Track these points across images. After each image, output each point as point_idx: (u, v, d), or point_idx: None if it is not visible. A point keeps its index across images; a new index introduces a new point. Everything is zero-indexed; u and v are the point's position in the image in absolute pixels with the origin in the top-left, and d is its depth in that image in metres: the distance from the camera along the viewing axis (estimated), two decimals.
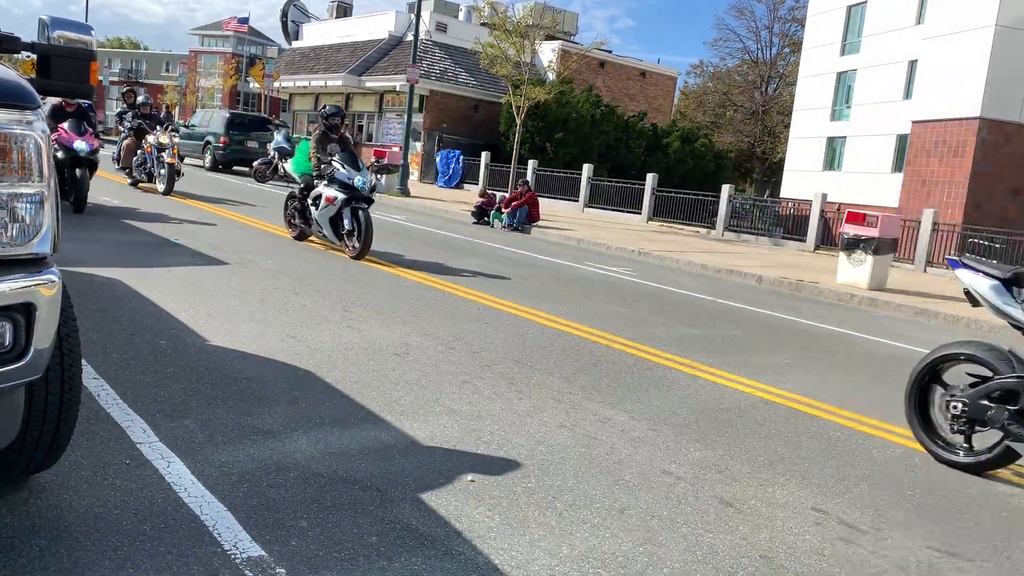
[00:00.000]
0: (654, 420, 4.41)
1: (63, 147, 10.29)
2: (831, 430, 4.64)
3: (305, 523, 2.76)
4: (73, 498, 2.75)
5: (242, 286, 6.76)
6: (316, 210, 9.30)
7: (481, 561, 2.64)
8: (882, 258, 11.80)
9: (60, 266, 2.41)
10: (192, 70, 60.00)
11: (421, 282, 8.14)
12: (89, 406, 3.53)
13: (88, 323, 4.82)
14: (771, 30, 53.71)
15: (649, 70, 39.11)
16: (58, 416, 2.59)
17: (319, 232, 9.50)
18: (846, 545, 3.11)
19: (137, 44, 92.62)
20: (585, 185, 23.77)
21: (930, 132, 24.49)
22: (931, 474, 4.08)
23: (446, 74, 33.38)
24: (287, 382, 4.30)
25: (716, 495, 3.45)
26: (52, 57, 2.79)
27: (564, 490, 3.30)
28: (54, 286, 2.30)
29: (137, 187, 14.84)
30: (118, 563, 2.38)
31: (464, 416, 4.08)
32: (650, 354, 6.04)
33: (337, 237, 9.21)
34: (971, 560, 3.13)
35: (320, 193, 9.22)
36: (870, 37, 31.05)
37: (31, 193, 2.26)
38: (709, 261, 13.33)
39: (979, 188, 23.11)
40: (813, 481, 3.77)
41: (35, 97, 2.32)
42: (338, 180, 8.99)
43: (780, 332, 7.84)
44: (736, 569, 2.81)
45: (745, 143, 52.42)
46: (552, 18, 28.25)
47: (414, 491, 3.11)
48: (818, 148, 33.38)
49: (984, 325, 9.50)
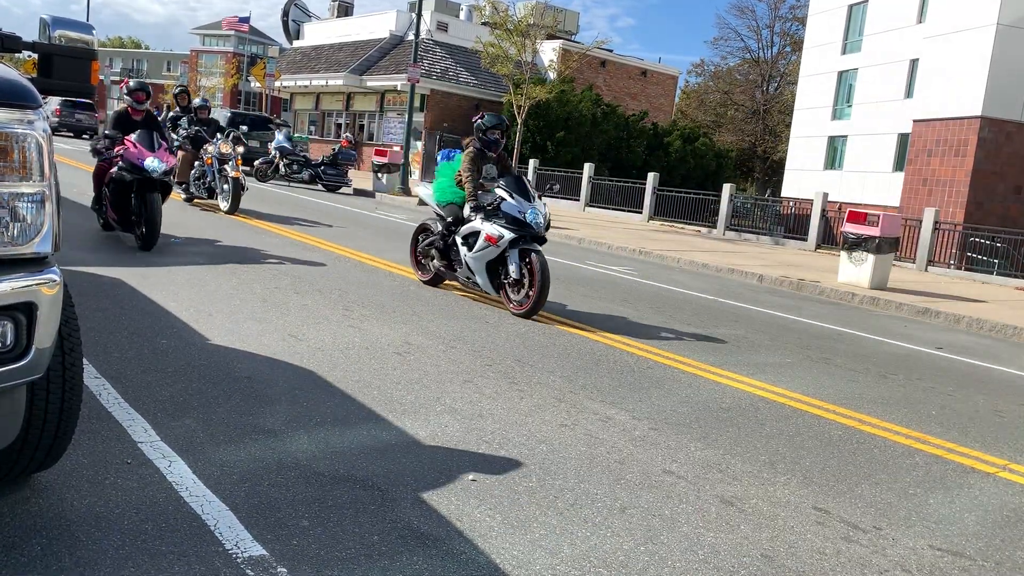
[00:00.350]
0: (655, 419, 4.41)
1: (130, 165, 8.16)
2: (832, 429, 4.64)
3: (306, 522, 2.76)
4: (74, 497, 2.75)
5: (242, 285, 6.76)
6: (469, 251, 7.21)
7: (482, 560, 2.64)
8: (883, 257, 11.80)
9: (61, 266, 2.41)
10: (193, 69, 60.00)
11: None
12: (90, 405, 3.53)
13: (90, 322, 4.82)
14: (772, 29, 53.76)
15: (650, 69, 39.11)
16: (59, 415, 2.60)
17: (467, 279, 7.42)
18: (848, 544, 3.11)
19: (138, 43, 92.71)
20: (586, 184, 23.76)
21: (931, 131, 24.47)
22: (932, 473, 4.08)
23: (447, 73, 33.39)
24: (288, 381, 4.30)
25: (717, 494, 3.45)
26: (53, 56, 2.80)
27: (565, 489, 3.30)
28: (55, 285, 2.30)
29: (193, 203, 12.90)
30: (119, 562, 2.39)
31: (465, 415, 4.08)
32: (651, 353, 6.04)
33: (494, 287, 7.21)
34: (973, 559, 3.13)
35: (476, 230, 7.14)
36: (871, 36, 31.02)
37: (32, 193, 2.26)
38: (710, 260, 13.33)
39: (980, 187, 23.09)
40: (814, 480, 3.77)
41: (36, 96, 2.32)
42: (504, 213, 7.01)
43: (781, 331, 7.84)
44: (737, 568, 2.81)
45: (746, 142, 52.41)
46: (553, 17, 28.30)
47: (415, 490, 3.11)
48: (819, 147, 33.36)
49: (986, 323, 9.50)
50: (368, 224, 13.61)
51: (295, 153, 21.03)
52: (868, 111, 30.75)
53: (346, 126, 36.48)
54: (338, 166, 20.88)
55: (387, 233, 12.52)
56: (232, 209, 12.01)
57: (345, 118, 37.30)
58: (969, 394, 6.03)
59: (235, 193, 11.96)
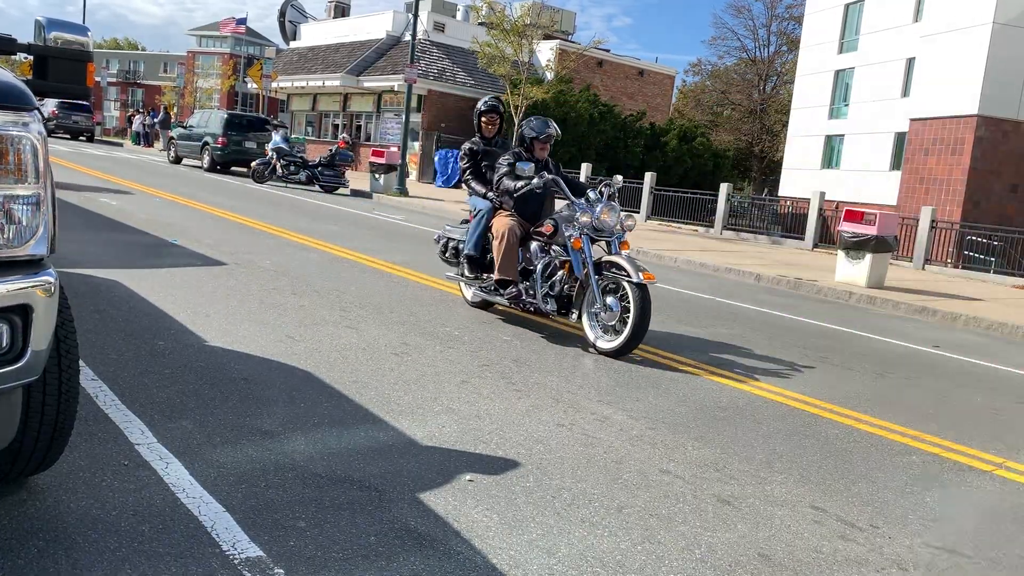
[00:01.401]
0: (652, 419, 4.41)
1: None
2: (829, 428, 4.65)
3: (303, 523, 2.76)
4: (71, 499, 2.75)
5: (240, 286, 6.75)
6: None
7: (479, 560, 2.64)
8: (880, 256, 11.81)
9: (57, 267, 2.41)
10: (190, 71, 59.88)
11: (419, 282, 8.14)
12: (87, 407, 3.53)
13: (86, 324, 4.82)
14: (769, 28, 53.79)
15: (647, 69, 39.13)
16: (56, 418, 2.59)
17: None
18: (844, 542, 3.12)
19: (135, 45, 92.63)
20: None
21: (928, 130, 24.50)
22: (929, 471, 4.09)
23: (444, 74, 33.37)
24: (286, 382, 4.30)
25: (714, 493, 3.45)
26: (49, 58, 2.79)
27: (562, 489, 3.30)
28: (51, 287, 2.30)
29: None
30: (116, 564, 2.38)
31: (462, 415, 4.08)
32: (648, 352, 6.04)
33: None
34: (969, 557, 3.14)
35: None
36: (868, 35, 31.06)
37: (27, 195, 2.26)
38: (707, 259, 13.33)
39: (977, 185, 23.11)
40: (811, 479, 3.78)
41: (31, 98, 2.32)
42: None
43: (778, 330, 7.84)
44: (734, 567, 2.81)
45: (743, 141, 52.45)
46: (549, 17, 28.29)
47: (412, 491, 3.11)
48: (816, 146, 33.39)
49: (983, 321, 9.51)
50: (366, 225, 13.60)
51: (292, 154, 21.01)
52: (865, 110, 30.79)
53: (343, 127, 36.47)
54: (335, 167, 20.86)
55: (385, 234, 12.52)
56: None
57: (342, 119, 37.28)
58: (966, 392, 6.05)
59: None
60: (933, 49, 24.51)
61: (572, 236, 5.99)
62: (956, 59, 23.49)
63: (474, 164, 7.05)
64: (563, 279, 6.13)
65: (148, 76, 74.48)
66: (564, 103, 29.38)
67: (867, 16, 31.32)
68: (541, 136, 6.52)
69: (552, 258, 6.24)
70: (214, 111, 28.86)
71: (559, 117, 29.12)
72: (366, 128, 36.07)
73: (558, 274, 6.16)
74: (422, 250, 10.87)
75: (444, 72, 33.44)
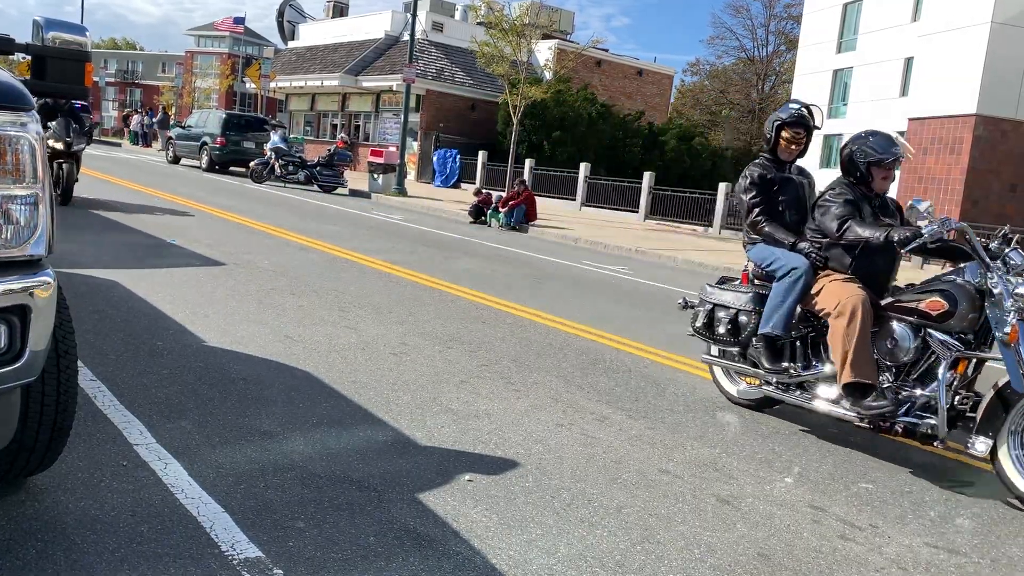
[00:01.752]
0: (651, 418, 4.41)
1: None
2: (828, 427, 4.65)
3: (302, 524, 2.76)
4: (70, 500, 2.74)
5: (239, 286, 6.75)
6: None
7: (479, 561, 2.64)
8: None
9: (56, 267, 2.41)
10: (188, 71, 59.84)
11: (418, 282, 8.13)
12: (86, 408, 3.52)
13: (85, 324, 4.81)
14: (767, 28, 53.84)
15: (645, 68, 39.10)
16: (54, 418, 2.59)
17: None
18: (844, 542, 3.12)
19: (133, 44, 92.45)
20: (582, 184, 23.75)
21: (927, 129, 24.51)
22: (929, 471, 4.09)
23: (443, 73, 33.35)
24: (284, 383, 4.29)
25: (714, 493, 3.45)
26: (47, 58, 2.79)
27: (562, 489, 3.30)
28: (49, 288, 2.29)
29: None
30: (115, 565, 2.38)
31: (461, 416, 4.08)
32: (648, 352, 6.04)
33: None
34: (968, 556, 3.14)
35: None
36: (866, 35, 31.08)
37: (25, 195, 2.25)
38: (706, 259, 13.33)
39: (976, 185, 23.13)
40: (811, 479, 3.78)
41: (29, 98, 2.31)
42: None
43: None
44: (734, 567, 2.81)
45: (742, 141, 52.46)
46: (548, 17, 28.26)
47: (411, 491, 3.11)
48: (815, 145, 33.37)
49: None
50: (364, 225, 13.59)
51: (291, 154, 21.00)
52: (863, 109, 30.80)
53: (342, 127, 36.44)
54: (334, 167, 20.84)
55: (384, 234, 12.51)
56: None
57: (341, 119, 37.25)
58: None
59: None
60: (931, 48, 24.52)
61: (1007, 322, 3.74)
62: (954, 58, 23.50)
63: (767, 198, 4.75)
64: (956, 386, 3.95)
65: (146, 76, 74.39)
66: (563, 103, 29.36)
67: (865, 15, 31.34)
68: (887, 160, 4.57)
69: (934, 351, 4.02)
70: (212, 111, 28.87)
71: (558, 117, 29.14)
72: (364, 128, 36.04)
73: (944, 376, 3.92)
74: (421, 250, 10.88)
75: (443, 72, 33.42)
